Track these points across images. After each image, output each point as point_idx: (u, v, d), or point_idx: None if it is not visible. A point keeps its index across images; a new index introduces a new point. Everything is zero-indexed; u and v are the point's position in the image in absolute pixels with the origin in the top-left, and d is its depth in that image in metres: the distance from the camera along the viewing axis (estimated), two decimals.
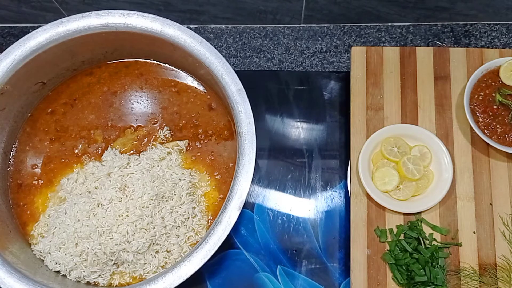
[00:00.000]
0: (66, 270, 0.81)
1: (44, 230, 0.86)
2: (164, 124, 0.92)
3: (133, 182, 0.82)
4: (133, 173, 0.84)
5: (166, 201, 0.84)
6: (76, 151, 0.91)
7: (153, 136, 0.92)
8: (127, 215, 0.80)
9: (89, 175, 0.86)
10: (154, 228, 0.81)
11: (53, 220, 0.84)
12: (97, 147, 0.91)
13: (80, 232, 0.80)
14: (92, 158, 0.90)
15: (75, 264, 0.80)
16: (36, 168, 0.91)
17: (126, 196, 0.81)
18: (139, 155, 0.89)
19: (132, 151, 0.91)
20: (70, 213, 0.82)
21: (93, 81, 0.96)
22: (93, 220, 0.80)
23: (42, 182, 0.90)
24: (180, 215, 0.83)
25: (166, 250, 0.83)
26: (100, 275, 0.82)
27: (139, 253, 0.81)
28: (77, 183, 0.86)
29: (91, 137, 0.92)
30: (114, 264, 0.82)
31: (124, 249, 0.80)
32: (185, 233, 0.84)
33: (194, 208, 0.85)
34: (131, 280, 0.83)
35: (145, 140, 0.92)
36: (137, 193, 0.81)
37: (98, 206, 0.81)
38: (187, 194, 0.85)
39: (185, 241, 0.84)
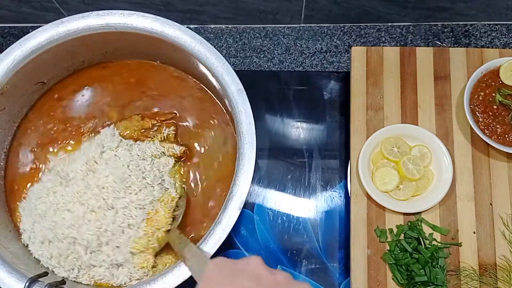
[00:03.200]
0: (49, 268, 0.80)
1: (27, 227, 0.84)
2: (168, 124, 0.91)
3: (107, 161, 0.80)
4: (115, 155, 0.82)
5: (130, 193, 0.79)
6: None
7: (156, 131, 0.90)
8: (85, 193, 0.78)
9: (81, 155, 0.84)
10: (106, 216, 0.77)
11: (28, 213, 0.82)
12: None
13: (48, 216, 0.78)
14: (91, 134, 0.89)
15: (54, 258, 0.80)
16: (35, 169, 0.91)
17: (93, 172, 0.79)
18: (135, 142, 0.87)
19: (130, 137, 0.88)
20: (38, 195, 0.81)
21: None
22: (51, 197, 0.78)
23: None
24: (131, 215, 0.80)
25: None
26: (80, 272, 0.80)
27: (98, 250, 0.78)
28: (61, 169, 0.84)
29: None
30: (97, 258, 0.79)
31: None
32: None
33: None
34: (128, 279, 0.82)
35: (146, 131, 0.90)
36: (103, 173, 0.78)
37: (61, 185, 0.79)
38: (152, 200, 0.81)
39: None
